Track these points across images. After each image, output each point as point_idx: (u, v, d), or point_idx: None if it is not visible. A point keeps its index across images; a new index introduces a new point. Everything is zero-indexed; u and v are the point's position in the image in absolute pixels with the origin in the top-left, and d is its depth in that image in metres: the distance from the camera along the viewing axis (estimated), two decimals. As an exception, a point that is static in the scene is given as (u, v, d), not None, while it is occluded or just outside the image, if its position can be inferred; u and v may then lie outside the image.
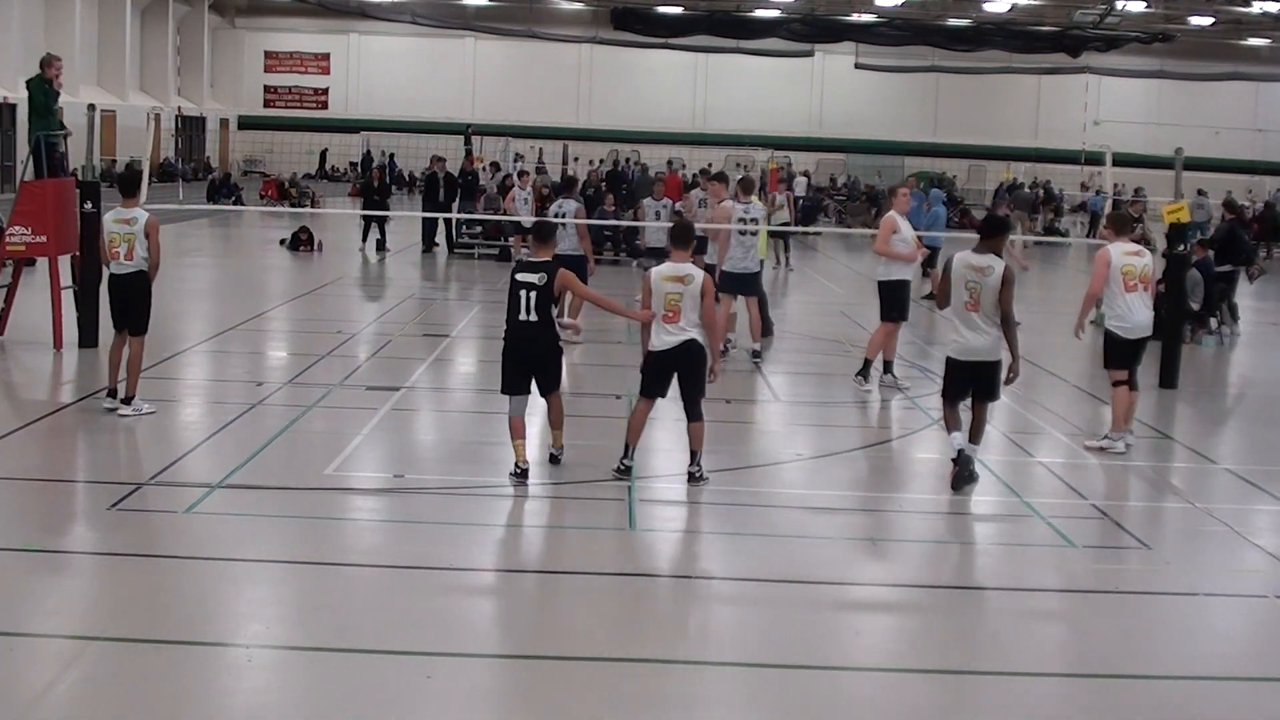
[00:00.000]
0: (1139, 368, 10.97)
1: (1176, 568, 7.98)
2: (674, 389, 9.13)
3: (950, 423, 9.26)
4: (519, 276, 9.14)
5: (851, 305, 19.99)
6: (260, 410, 11.06)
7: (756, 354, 14.40)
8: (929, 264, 22.30)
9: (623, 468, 9.15)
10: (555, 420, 9.46)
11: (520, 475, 8.97)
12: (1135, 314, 10.73)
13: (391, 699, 5.61)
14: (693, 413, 9.07)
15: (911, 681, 6.15)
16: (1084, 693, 6.17)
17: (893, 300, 13.02)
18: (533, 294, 9.01)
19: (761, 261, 14.97)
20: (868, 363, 13.03)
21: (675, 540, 8.31)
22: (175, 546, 7.45)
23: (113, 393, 10.68)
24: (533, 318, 9.02)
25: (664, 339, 8.95)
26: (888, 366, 13.10)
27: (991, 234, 9.33)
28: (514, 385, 9.17)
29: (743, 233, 14.01)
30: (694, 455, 9.09)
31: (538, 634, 6.57)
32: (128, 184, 11.08)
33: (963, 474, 9.08)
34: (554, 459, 9.50)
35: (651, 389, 9.15)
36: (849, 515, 8.81)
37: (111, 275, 10.78)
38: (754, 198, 14.81)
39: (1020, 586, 7.56)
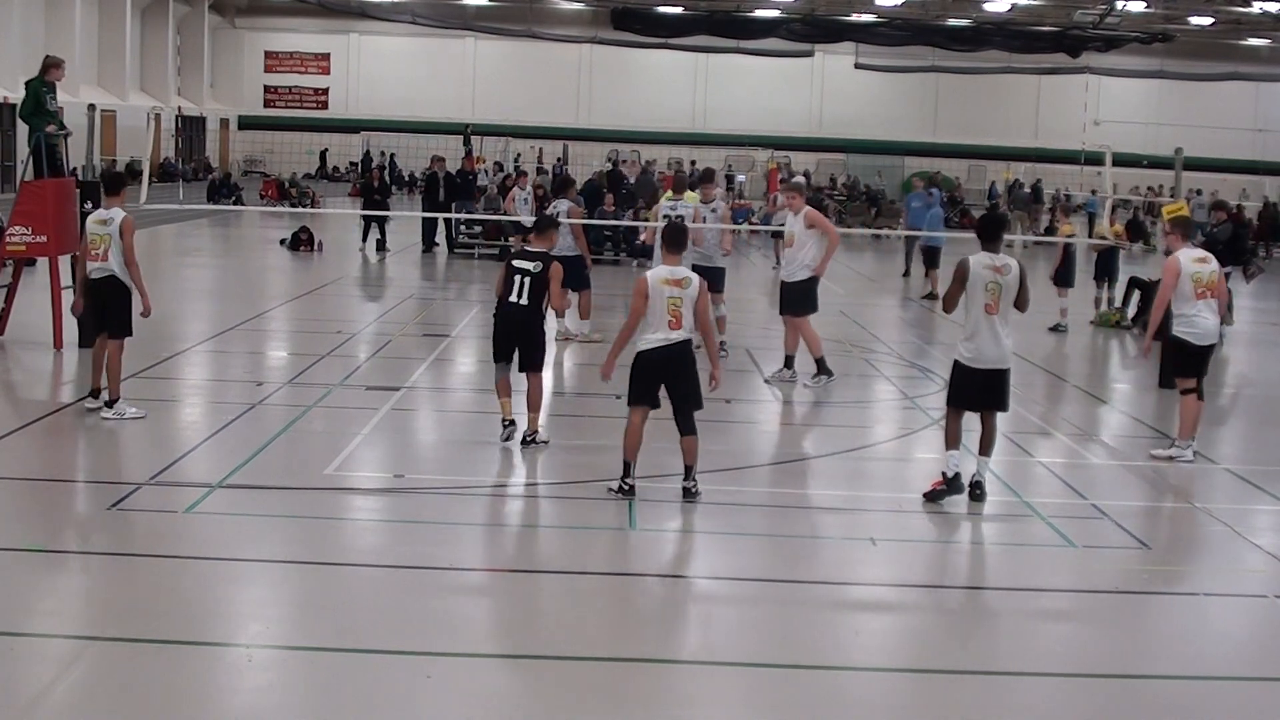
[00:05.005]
0: (1204, 377, 10.83)
1: (1176, 568, 7.98)
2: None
3: (952, 437, 8.92)
4: (515, 263, 9.96)
5: (851, 305, 19.98)
6: (260, 410, 11.06)
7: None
8: (931, 264, 22.34)
9: (625, 487, 8.60)
10: (532, 400, 9.93)
11: (508, 426, 9.95)
12: (1205, 321, 10.52)
13: (391, 699, 5.61)
14: (685, 425, 8.59)
15: (911, 681, 6.15)
16: (1084, 693, 6.17)
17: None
18: (526, 279, 9.82)
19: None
20: (818, 361, 13.02)
21: (675, 540, 8.29)
22: (175, 546, 7.44)
23: (95, 393, 10.59)
24: (523, 301, 9.83)
25: (654, 337, 8.55)
26: (789, 361, 13.20)
27: (996, 235, 9.00)
28: (500, 353, 10.04)
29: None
30: (688, 470, 8.65)
31: (538, 634, 6.57)
32: (111, 182, 11.00)
33: (974, 494, 8.86)
34: (526, 441, 9.86)
35: (644, 396, 8.61)
36: (849, 515, 8.81)
37: (89, 278, 10.56)
38: (688, 193, 14.96)
39: (1020, 586, 7.56)
